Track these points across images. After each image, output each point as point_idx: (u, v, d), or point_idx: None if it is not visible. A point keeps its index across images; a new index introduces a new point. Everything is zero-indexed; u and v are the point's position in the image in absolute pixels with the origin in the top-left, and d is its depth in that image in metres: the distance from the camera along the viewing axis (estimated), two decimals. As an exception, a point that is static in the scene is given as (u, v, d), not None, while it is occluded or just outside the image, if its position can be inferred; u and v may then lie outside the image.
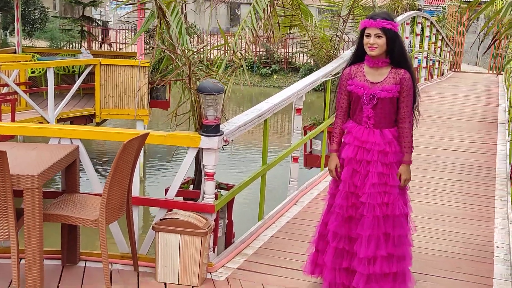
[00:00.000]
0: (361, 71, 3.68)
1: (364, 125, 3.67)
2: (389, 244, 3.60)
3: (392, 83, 3.60)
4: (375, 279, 3.59)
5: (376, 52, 3.56)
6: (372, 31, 3.54)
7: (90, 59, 10.25)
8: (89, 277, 4.03)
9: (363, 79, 3.65)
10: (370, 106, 3.62)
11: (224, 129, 4.27)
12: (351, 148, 3.68)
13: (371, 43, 3.55)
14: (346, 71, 3.75)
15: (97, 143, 12.46)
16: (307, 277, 4.02)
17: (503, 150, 8.15)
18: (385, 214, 3.60)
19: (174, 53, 4.25)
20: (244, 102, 19.11)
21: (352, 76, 3.69)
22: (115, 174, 3.70)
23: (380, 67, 3.62)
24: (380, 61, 3.61)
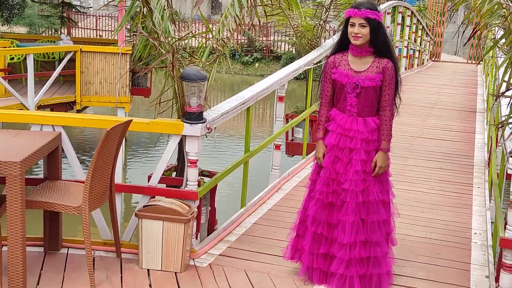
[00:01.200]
0: (345, 59, 3.72)
1: (348, 113, 3.70)
2: (364, 229, 3.68)
3: (376, 72, 3.65)
4: (354, 263, 3.66)
5: (360, 42, 3.60)
6: (356, 20, 3.58)
7: (71, 45, 10.15)
8: (72, 264, 4.03)
9: (347, 68, 3.69)
10: (354, 94, 3.66)
11: (207, 117, 4.29)
12: (334, 136, 3.73)
13: (355, 32, 3.59)
14: (330, 59, 3.78)
15: (77, 130, 12.37)
16: (288, 262, 4.08)
17: (481, 139, 8.28)
18: (364, 200, 3.67)
19: (158, 40, 4.24)
20: (226, 90, 19.09)
21: (336, 64, 3.73)
22: (98, 161, 3.70)
23: (363, 56, 3.67)
24: (364, 50, 3.65)
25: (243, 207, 5.26)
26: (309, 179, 3.97)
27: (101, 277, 3.86)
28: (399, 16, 13.11)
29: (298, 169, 6.62)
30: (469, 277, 4.13)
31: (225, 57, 4.81)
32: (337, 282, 3.69)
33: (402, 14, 13.40)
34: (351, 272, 3.66)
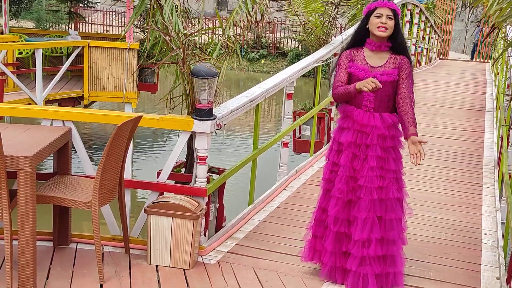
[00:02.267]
0: (361, 55, 3.67)
1: (364, 109, 3.66)
2: (381, 227, 3.66)
3: (392, 67, 3.63)
4: (368, 261, 3.64)
5: (387, 33, 3.55)
6: (384, 11, 3.54)
7: (79, 40, 10.15)
8: (81, 258, 4.03)
9: (364, 63, 3.65)
10: None
11: (217, 114, 4.27)
12: (350, 133, 3.68)
13: (383, 22, 3.53)
14: (346, 52, 3.72)
15: (84, 125, 12.37)
16: (297, 260, 4.06)
17: (491, 138, 8.25)
18: (380, 198, 3.64)
19: (169, 36, 4.23)
20: (231, 86, 19.07)
21: (353, 58, 3.68)
22: (109, 157, 3.69)
23: (381, 51, 3.64)
24: (383, 44, 3.63)
25: (251, 204, 5.25)
26: (322, 178, 3.91)
27: (110, 272, 3.86)
28: (408, 13, 13.05)
29: (305, 166, 6.60)
30: (480, 278, 4.11)
31: (236, 53, 4.79)
32: (352, 280, 3.68)
33: (410, 11, 13.35)
34: (366, 270, 3.64)
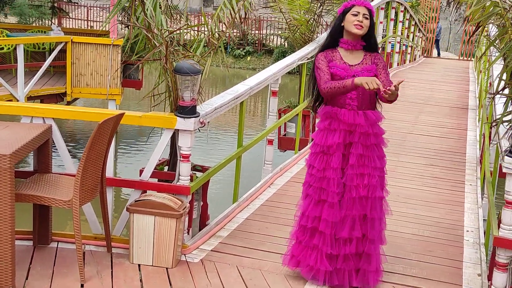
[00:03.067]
0: (337, 55, 3.66)
1: (348, 107, 3.62)
2: (364, 225, 3.65)
3: (370, 63, 3.65)
4: (350, 258, 3.65)
5: (362, 31, 3.56)
6: (361, 10, 3.56)
7: (62, 36, 10.04)
8: (62, 258, 3.98)
9: (342, 62, 3.64)
10: None
11: (200, 111, 4.24)
12: (337, 134, 3.63)
13: (359, 20, 3.54)
14: (321, 54, 3.68)
15: (67, 122, 12.26)
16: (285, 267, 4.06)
17: (473, 136, 8.29)
18: (364, 196, 3.61)
19: (151, 32, 4.19)
20: (217, 83, 19.02)
21: (330, 58, 3.65)
22: (90, 155, 3.64)
23: (356, 50, 3.65)
24: (358, 43, 3.64)
25: (235, 202, 5.22)
26: (306, 184, 3.80)
27: (91, 272, 3.82)
28: (392, 11, 13.09)
29: (290, 164, 6.59)
30: (462, 275, 4.13)
31: (220, 50, 4.76)
32: (337, 276, 3.67)
33: (395, 9, 13.39)
34: (349, 266, 3.64)
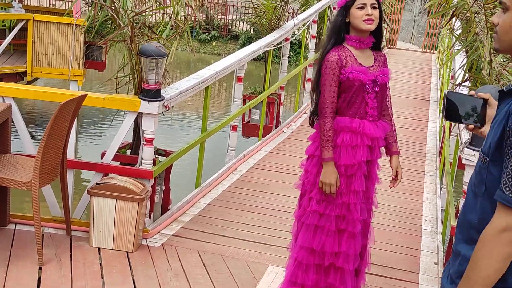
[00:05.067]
0: (350, 55, 2.99)
1: (369, 118, 3.00)
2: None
3: (383, 65, 3.09)
4: None
5: (374, 26, 2.95)
6: (367, 0, 2.94)
7: (23, 14, 9.77)
8: (19, 240, 3.91)
9: (357, 64, 2.98)
10: (373, 94, 2.99)
11: (165, 95, 4.20)
12: (359, 150, 2.98)
13: (369, 13, 2.92)
14: (333, 57, 2.96)
15: (27, 102, 11.99)
16: (242, 243, 4.06)
17: (434, 127, 8.45)
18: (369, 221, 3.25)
19: (116, 12, 4.11)
20: (182, 67, 18.85)
21: (344, 63, 2.96)
22: (50, 136, 3.57)
23: (365, 49, 3.04)
24: (371, 40, 3.03)
25: (198, 188, 5.21)
26: (308, 210, 3.06)
27: (50, 254, 3.76)
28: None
29: (254, 150, 6.60)
30: (419, 263, 4.22)
31: (186, 34, 4.71)
32: None
33: (361, 0, 13.47)
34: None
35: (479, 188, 1.62)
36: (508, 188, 1.50)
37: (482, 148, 1.63)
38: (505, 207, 1.51)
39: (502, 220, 1.51)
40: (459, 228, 1.70)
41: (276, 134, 7.35)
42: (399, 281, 3.95)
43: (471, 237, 1.62)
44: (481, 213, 1.61)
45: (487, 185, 1.59)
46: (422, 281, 3.98)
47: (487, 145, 1.60)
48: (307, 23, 8.21)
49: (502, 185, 1.51)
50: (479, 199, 1.62)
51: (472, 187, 1.66)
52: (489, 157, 1.58)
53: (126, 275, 3.65)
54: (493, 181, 1.57)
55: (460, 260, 1.66)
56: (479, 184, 1.61)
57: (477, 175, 1.63)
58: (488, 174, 1.58)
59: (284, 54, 7.88)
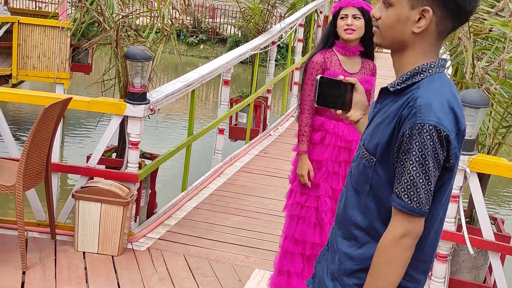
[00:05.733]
0: (336, 60, 3.15)
1: (346, 122, 3.10)
2: None
3: (369, 74, 3.21)
4: None
5: (354, 36, 3.10)
6: (349, 11, 3.09)
7: (8, 16, 9.71)
8: (3, 244, 3.88)
9: (341, 69, 3.14)
10: None
11: (151, 98, 4.19)
12: (329, 149, 3.16)
13: (348, 24, 3.08)
14: (318, 58, 3.14)
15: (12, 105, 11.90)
16: (228, 246, 4.06)
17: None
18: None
19: (102, 15, 4.10)
20: (169, 70, 18.82)
21: (327, 65, 3.13)
22: (35, 139, 3.55)
23: (354, 56, 3.18)
24: (357, 49, 3.16)
25: (184, 191, 5.20)
26: (291, 203, 3.27)
27: (34, 259, 3.74)
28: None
29: (240, 154, 6.60)
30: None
31: (173, 37, 4.70)
32: None
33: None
34: None
35: (362, 186, 1.61)
36: (407, 196, 1.49)
37: (365, 145, 1.61)
38: (404, 214, 1.51)
39: (401, 226, 1.51)
40: (339, 224, 1.69)
41: (263, 137, 7.36)
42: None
43: (351, 233, 1.63)
44: (365, 211, 1.61)
45: (373, 184, 1.58)
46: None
47: (373, 144, 1.58)
48: (293, 27, 8.24)
49: (400, 192, 1.51)
50: (362, 197, 1.61)
51: (353, 184, 1.65)
52: (376, 158, 1.57)
53: (111, 279, 3.63)
54: (379, 181, 1.57)
55: (340, 258, 1.65)
56: (363, 183, 1.60)
57: (361, 174, 1.61)
58: (374, 174, 1.58)
59: (271, 57, 7.90)
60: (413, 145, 1.47)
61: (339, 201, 1.73)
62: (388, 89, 1.61)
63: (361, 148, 1.64)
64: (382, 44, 1.63)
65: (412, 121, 1.48)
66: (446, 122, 1.48)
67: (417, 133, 1.47)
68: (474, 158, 3.66)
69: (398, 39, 1.58)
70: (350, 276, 1.62)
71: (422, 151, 1.47)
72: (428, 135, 1.46)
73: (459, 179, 3.67)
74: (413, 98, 1.52)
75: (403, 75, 1.59)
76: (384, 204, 1.57)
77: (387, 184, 1.56)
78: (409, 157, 1.48)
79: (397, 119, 1.52)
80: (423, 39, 1.57)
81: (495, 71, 4.16)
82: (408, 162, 1.49)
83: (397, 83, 1.59)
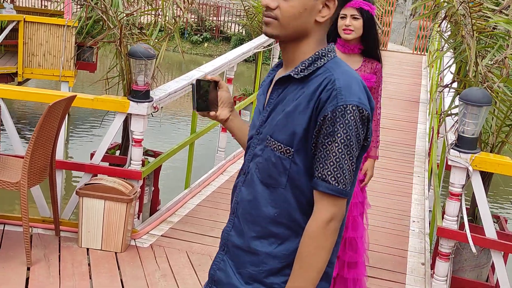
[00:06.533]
0: None
1: None
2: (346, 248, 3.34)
3: (369, 72, 3.28)
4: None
5: (352, 36, 3.19)
6: (348, 11, 3.17)
7: (14, 14, 9.76)
8: (8, 240, 3.91)
9: None
10: None
11: (154, 96, 4.21)
12: None
13: (346, 24, 3.17)
14: None
15: (18, 103, 11.96)
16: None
17: (423, 129, 8.50)
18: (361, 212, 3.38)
19: (106, 14, 4.12)
20: (173, 69, 18.84)
21: None
22: (39, 137, 3.58)
23: (354, 54, 3.27)
24: (356, 47, 3.25)
25: (187, 188, 5.22)
26: None
27: (38, 255, 3.77)
28: (350, 4, 13.20)
29: (243, 152, 6.61)
30: (406, 263, 4.25)
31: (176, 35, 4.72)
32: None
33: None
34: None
35: (277, 180, 1.55)
36: (333, 178, 1.48)
37: (274, 136, 1.55)
38: (331, 197, 1.49)
39: (327, 211, 1.50)
40: (249, 224, 1.60)
41: (266, 136, 7.36)
42: (386, 281, 3.98)
43: (269, 231, 1.57)
44: (281, 205, 1.56)
45: (291, 176, 1.54)
46: (409, 281, 4.02)
47: (287, 134, 1.53)
48: (297, 25, 8.23)
49: (326, 175, 1.48)
50: (277, 191, 1.55)
51: (262, 179, 1.58)
52: (293, 148, 1.52)
53: (114, 276, 3.66)
54: (298, 171, 1.54)
55: (261, 259, 1.58)
56: (278, 176, 1.55)
57: (274, 167, 1.55)
58: (292, 165, 1.53)
59: (274, 55, 7.91)
60: (337, 127, 1.47)
61: (240, 201, 1.64)
62: (290, 77, 1.57)
63: (268, 141, 1.57)
64: (280, 35, 1.57)
65: (333, 104, 1.47)
66: (365, 101, 1.50)
67: (341, 114, 1.46)
68: (477, 157, 3.66)
69: (301, 29, 1.55)
70: (277, 275, 1.57)
71: (347, 132, 1.47)
72: (351, 115, 1.47)
73: (462, 177, 3.68)
74: (330, 81, 1.50)
75: (305, 61, 1.56)
76: (304, 193, 1.54)
77: (305, 172, 1.53)
78: (334, 139, 1.47)
79: (315, 104, 1.50)
80: (322, 27, 1.57)
81: (499, 69, 4.16)
82: (333, 145, 1.47)
83: (300, 70, 1.56)
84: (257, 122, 1.65)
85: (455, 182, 3.70)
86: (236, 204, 1.66)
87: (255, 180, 1.60)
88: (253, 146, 1.63)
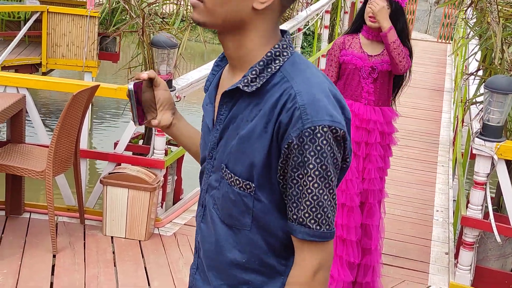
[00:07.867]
0: (357, 42, 3.30)
1: (364, 101, 3.27)
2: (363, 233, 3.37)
3: None
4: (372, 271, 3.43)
5: (376, 25, 3.21)
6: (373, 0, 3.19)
7: (37, 5, 9.85)
8: (34, 228, 3.98)
9: (360, 51, 3.28)
10: (370, 80, 3.25)
11: (177, 85, 4.23)
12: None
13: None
14: (339, 40, 3.32)
15: (43, 93, 12.11)
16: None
17: (447, 118, 8.40)
18: (379, 200, 3.39)
19: (129, 3, 4.14)
20: (195, 58, 18.89)
21: (346, 46, 3.29)
22: (63, 126, 3.62)
23: (377, 41, 3.29)
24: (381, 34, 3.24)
25: (210, 177, 5.23)
26: None
27: (64, 243, 3.82)
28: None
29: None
30: (429, 253, 4.23)
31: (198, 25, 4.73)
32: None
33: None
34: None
35: (240, 221, 1.26)
36: (313, 221, 1.20)
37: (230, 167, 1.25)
38: (315, 244, 1.22)
39: (313, 260, 1.22)
40: (214, 272, 1.33)
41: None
42: (410, 271, 3.97)
43: (239, 279, 1.30)
44: (249, 249, 1.28)
45: (256, 215, 1.25)
46: (433, 270, 3.99)
47: (244, 165, 1.23)
48: (320, 13, 8.18)
49: (304, 218, 1.20)
50: (242, 232, 1.27)
51: (223, 218, 1.29)
52: (254, 182, 1.23)
53: (138, 263, 3.70)
54: (263, 209, 1.25)
55: None
56: (241, 216, 1.26)
57: (234, 206, 1.26)
58: (256, 202, 1.24)
59: (297, 44, 7.87)
60: (307, 156, 1.16)
61: (201, 241, 1.37)
62: (240, 90, 1.24)
63: (224, 171, 1.27)
64: (207, 23, 1.24)
65: (298, 127, 1.16)
66: (338, 116, 1.19)
67: (309, 140, 1.16)
68: (502, 145, 3.61)
69: (233, 17, 1.23)
70: None
71: (321, 160, 1.17)
72: (323, 139, 1.16)
73: (487, 166, 3.63)
74: (290, 96, 1.18)
75: (255, 66, 1.23)
76: (275, 234, 1.27)
77: (273, 209, 1.25)
78: (306, 172, 1.17)
79: (274, 128, 1.19)
80: (265, 17, 1.24)
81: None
82: (306, 179, 1.18)
83: (251, 80, 1.22)
84: (208, 142, 1.33)
85: (479, 171, 3.66)
86: (198, 243, 1.39)
87: (215, 219, 1.31)
88: (207, 173, 1.33)
